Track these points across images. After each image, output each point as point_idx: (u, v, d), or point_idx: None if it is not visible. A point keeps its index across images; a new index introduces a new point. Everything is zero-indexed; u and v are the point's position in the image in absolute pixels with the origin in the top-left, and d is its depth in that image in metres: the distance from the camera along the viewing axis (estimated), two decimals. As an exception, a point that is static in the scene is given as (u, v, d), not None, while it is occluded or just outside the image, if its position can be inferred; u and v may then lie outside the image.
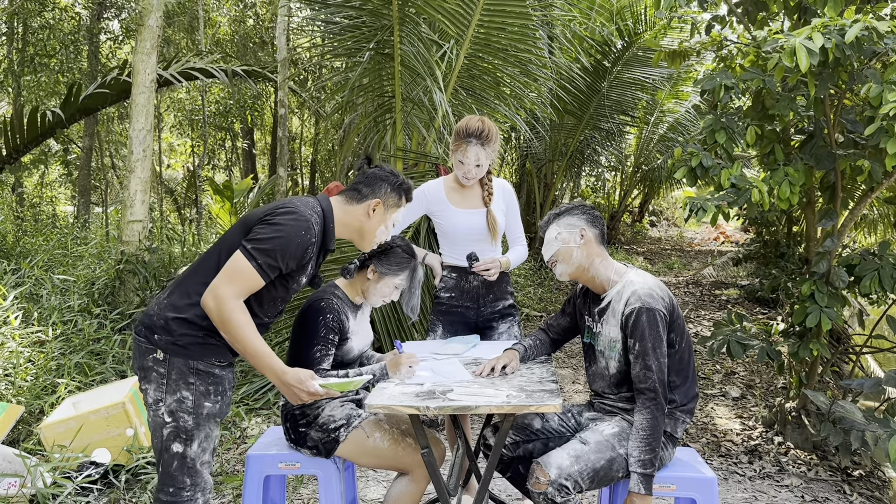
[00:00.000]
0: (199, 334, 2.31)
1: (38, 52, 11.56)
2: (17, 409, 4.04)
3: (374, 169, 2.62)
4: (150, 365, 2.31)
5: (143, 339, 2.33)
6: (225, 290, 2.23)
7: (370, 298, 2.93)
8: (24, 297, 5.63)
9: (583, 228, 2.75)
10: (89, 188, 12.18)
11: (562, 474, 2.47)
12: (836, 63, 3.97)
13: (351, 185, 2.58)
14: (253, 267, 2.25)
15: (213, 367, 2.35)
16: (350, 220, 2.53)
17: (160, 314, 2.32)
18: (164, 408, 2.30)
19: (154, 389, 2.31)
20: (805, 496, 3.94)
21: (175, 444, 2.33)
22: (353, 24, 5.79)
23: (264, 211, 2.36)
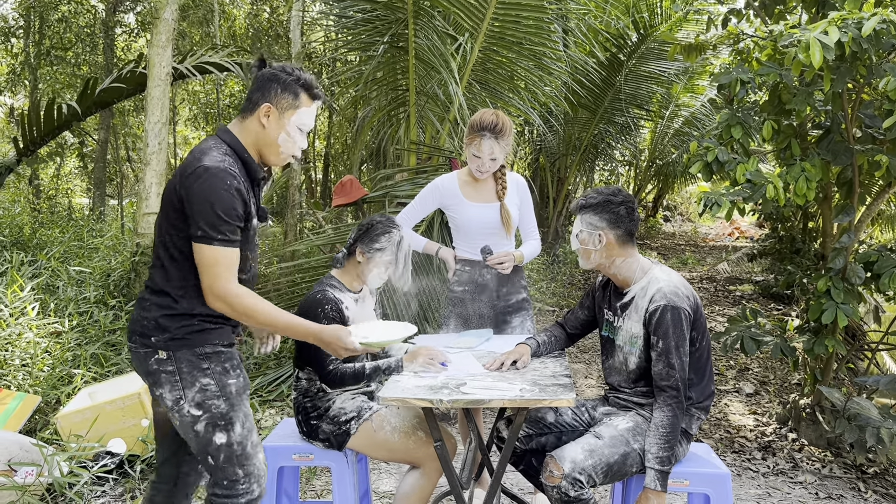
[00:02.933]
0: (193, 322, 2.21)
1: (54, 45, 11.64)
2: (34, 399, 4.08)
3: (264, 70, 2.32)
4: (156, 367, 2.20)
5: (138, 345, 2.22)
6: (220, 285, 2.12)
7: (367, 280, 2.94)
8: (41, 288, 5.68)
9: (602, 232, 2.70)
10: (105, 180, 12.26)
11: (576, 468, 2.47)
12: (853, 57, 3.93)
13: (248, 94, 2.33)
14: (218, 246, 2.12)
15: (218, 347, 2.26)
16: (251, 138, 2.29)
17: (147, 317, 2.21)
18: (188, 403, 2.19)
19: (169, 390, 2.20)
20: (819, 493, 3.92)
21: (217, 435, 2.20)
22: (367, 18, 5.79)
23: (178, 185, 2.16)
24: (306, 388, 2.88)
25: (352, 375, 2.78)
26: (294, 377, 2.94)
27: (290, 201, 7.55)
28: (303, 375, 2.90)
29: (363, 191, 5.61)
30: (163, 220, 2.22)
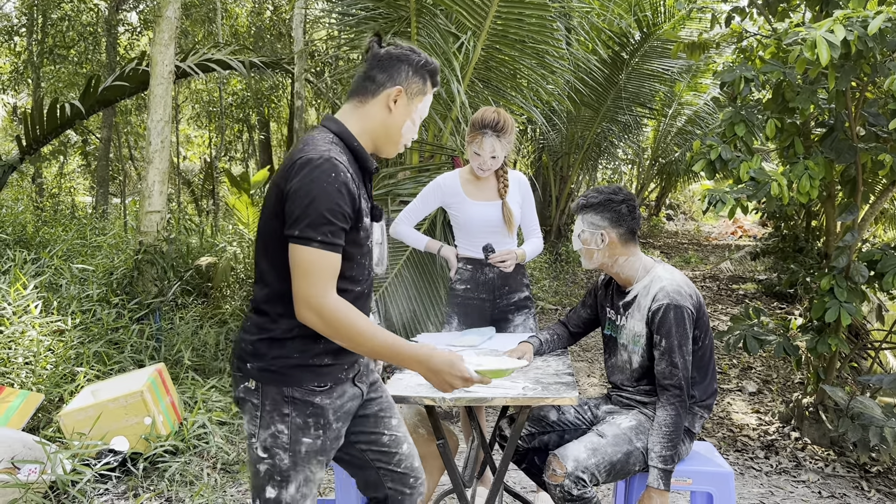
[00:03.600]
0: (293, 354, 1.94)
1: (57, 43, 11.65)
2: (37, 396, 4.09)
3: (388, 48, 2.07)
4: (243, 395, 1.98)
5: (234, 368, 2.01)
6: (313, 293, 1.83)
7: None
8: (44, 286, 5.69)
9: (604, 231, 2.70)
10: (107, 179, 12.27)
11: (579, 466, 2.47)
12: (858, 55, 3.92)
13: (360, 77, 2.06)
14: (317, 248, 1.82)
15: (312, 393, 1.96)
16: (371, 124, 2.03)
17: (246, 339, 1.98)
18: (259, 443, 1.96)
19: (248, 422, 1.99)
20: (822, 492, 3.91)
21: (269, 488, 1.97)
22: (369, 16, 5.78)
23: (281, 182, 1.90)
24: None
25: None
26: None
27: (293, 200, 7.53)
28: None
29: (366, 189, 5.61)
30: (263, 226, 1.95)
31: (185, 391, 4.68)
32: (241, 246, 8.15)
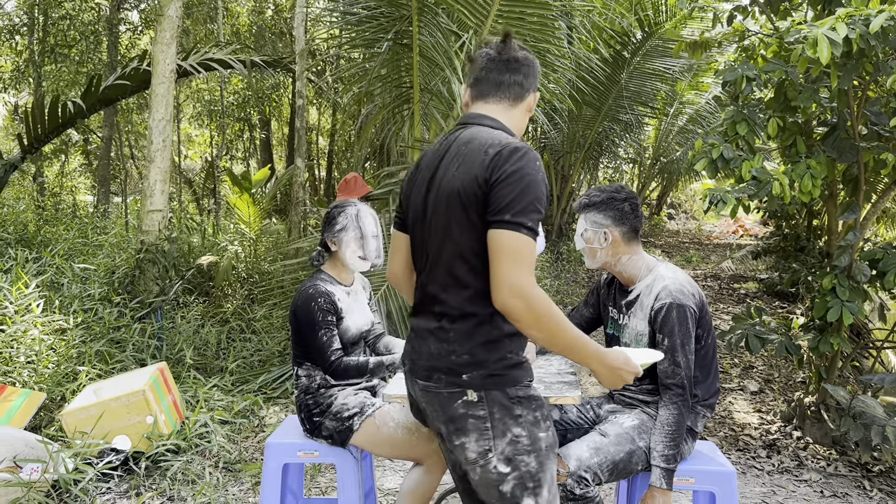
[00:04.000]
0: (511, 353, 1.87)
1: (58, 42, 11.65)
2: (39, 395, 4.09)
3: (523, 52, 2.05)
4: (463, 412, 1.83)
5: (443, 385, 1.87)
6: (523, 280, 1.72)
7: (350, 264, 2.96)
8: (46, 285, 5.69)
9: (607, 230, 2.69)
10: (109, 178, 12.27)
11: (581, 466, 2.47)
12: (860, 54, 3.92)
13: (507, 78, 2.02)
14: (525, 235, 1.74)
15: (529, 387, 1.89)
16: (516, 126, 2.05)
17: (457, 349, 1.85)
18: (497, 457, 1.81)
19: (476, 440, 1.83)
20: (824, 491, 3.91)
21: (525, 500, 1.83)
22: (371, 15, 5.78)
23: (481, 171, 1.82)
24: (307, 386, 2.88)
25: (355, 368, 2.78)
26: (293, 375, 2.95)
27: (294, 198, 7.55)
28: (301, 372, 2.90)
29: (367, 188, 5.60)
30: (455, 228, 1.86)
31: (186, 390, 4.69)
32: (242, 245, 8.15)
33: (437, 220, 1.90)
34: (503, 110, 2.01)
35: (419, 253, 2.01)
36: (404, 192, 2.11)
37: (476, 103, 2.03)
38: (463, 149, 1.89)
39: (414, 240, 2.04)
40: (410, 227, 2.05)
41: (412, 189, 2.05)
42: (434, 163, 1.98)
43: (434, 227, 1.91)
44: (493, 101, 2.01)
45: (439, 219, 1.89)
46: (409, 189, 2.08)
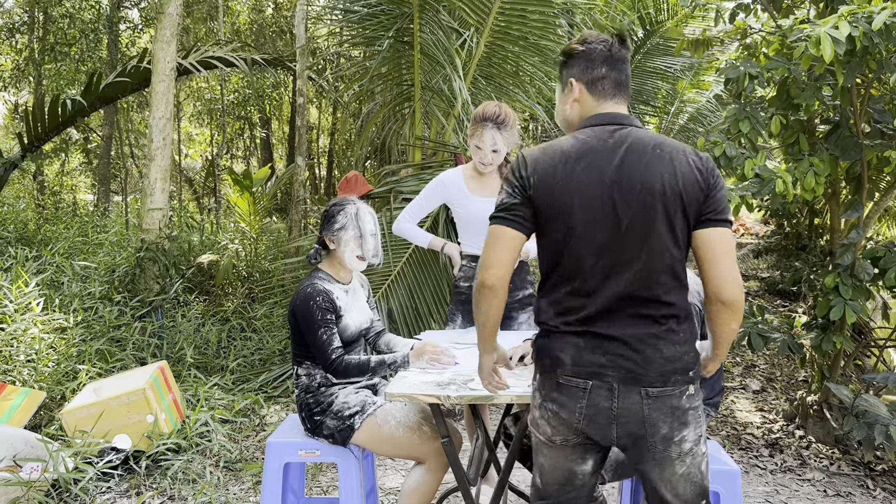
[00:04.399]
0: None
1: (58, 40, 11.63)
2: (38, 394, 4.08)
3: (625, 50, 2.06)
4: (686, 406, 1.90)
5: (679, 386, 1.88)
6: (738, 273, 1.89)
7: (348, 263, 2.93)
8: (46, 283, 5.68)
9: None
10: (109, 177, 12.25)
11: None
12: (863, 51, 3.90)
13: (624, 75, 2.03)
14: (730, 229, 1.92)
15: None
16: None
17: (687, 350, 1.90)
18: (703, 439, 1.97)
19: (694, 429, 1.92)
20: (828, 490, 3.90)
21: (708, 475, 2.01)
22: (372, 13, 5.76)
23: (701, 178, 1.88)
24: (307, 385, 2.86)
25: (356, 367, 2.77)
26: (294, 375, 2.93)
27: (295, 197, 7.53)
28: (301, 371, 2.88)
29: (368, 187, 5.59)
30: (661, 228, 1.87)
31: (187, 389, 4.67)
32: (242, 244, 8.14)
33: (634, 221, 1.86)
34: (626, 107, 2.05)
35: (592, 255, 1.87)
36: (539, 188, 1.89)
37: (605, 102, 2.01)
38: (650, 151, 1.89)
39: (577, 241, 1.88)
40: (568, 228, 1.88)
41: (559, 186, 1.88)
42: (604, 162, 1.88)
43: (631, 228, 1.86)
44: (622, 100, 2.03)
45: (638, 219, 1.86)
46: (550, 185, 1.89)
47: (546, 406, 1.96)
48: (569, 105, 2.05)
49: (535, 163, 1.93)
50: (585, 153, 1.91)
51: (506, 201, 1.94)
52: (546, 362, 1.95)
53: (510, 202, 1.93)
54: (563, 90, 2.08)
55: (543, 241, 1.96)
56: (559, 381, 1.92)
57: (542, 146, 1.97)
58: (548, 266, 1.97)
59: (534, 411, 2.01)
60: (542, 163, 1.92)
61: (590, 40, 2.03)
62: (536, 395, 2.01)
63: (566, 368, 1.90)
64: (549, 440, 1.98)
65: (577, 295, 1.90)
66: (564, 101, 2.07)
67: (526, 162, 1.94)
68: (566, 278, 1.91)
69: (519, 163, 1.95)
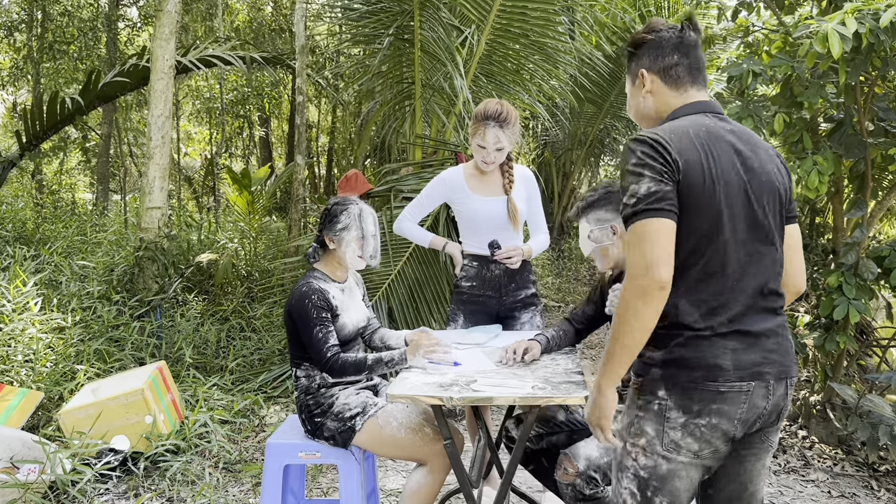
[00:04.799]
0: None
1: (56, 38, 11.59)
2: (36, 395, 4.04)
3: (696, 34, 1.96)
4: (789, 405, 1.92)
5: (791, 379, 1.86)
6: None
7: (348, 263, 2.90)
8: (44, 283, 5.64)
9: (613, 224, 2.63)
10: (108, 175, 12.21)
11: (591, 465, 2.42)
12: (869, 49, 3.87)
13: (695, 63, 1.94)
14: None
15: None
16: None
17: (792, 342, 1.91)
18: None
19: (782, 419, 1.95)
20: (832, 491, 3.87)
21: None
22: (372, 10, 5.72)
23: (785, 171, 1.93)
24: (307, 386, 2.83)
25: (353, 364, 2.73)
26: (293, 377, 2.90)
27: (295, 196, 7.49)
28: (300, 373, 2.85)
29: (368, 185, 5.55)
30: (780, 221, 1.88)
31: (185, 389, 4.63)
32: (242, 243, 8.10)
33: (767, 212, 1.83)
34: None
35: (736, 247, 1.78)
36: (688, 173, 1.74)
37: (686, 90, 1.92)
38: (756, 143, 1.88)
39: (724, 233, 1.77)
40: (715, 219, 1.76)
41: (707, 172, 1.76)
42: (728, 150, 1.80)
43: (764, 219, 1.83)
44: (702, 87, 1.94)
45: (769, 210, 1.84)
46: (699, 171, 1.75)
47: (697, 422, 1.77)
48: (642, 97, 1.96)
49: (677, 143, 1.75)
50: (710, 140, 1.80)
51: (656, 189, 1.71)
52: (697, 374, 1.75)
53: (663, 189, 1.71)
54: (633, 83, 1.99)
55: (683, 233, 1.75)
56: (720, 389, 1.75)
57: (662, 129, 1.80)
58: (687, 261, 1.77)
59: (670, 433, 1.79)
60: (684, 145, 1.76)
61: (657, 27, 1.94)
62: (674, 415, 1.78)
63: (728, 374, 1.75)
64: (696, 455, 1.80)
65: (722, 292, 1.77)
66: (636, 94, 1.98)
67: (666, 143, 1.75)
68: (710, 274, 1.77)
69: (656, 144, 1.75)
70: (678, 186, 1.73)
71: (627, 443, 1.86)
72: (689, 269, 1.77)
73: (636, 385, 1.86)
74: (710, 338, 1.76)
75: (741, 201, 1.79)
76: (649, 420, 1.81)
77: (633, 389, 1.87)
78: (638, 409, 1.84)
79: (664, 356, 1.79)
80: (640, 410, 1.83)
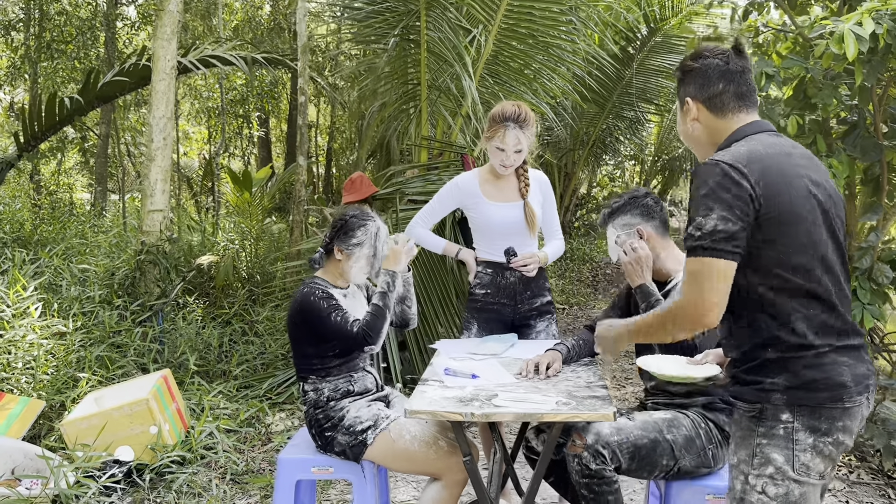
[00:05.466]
0: None
1: (54, 38, 11.48)
2: (38, 403, 3.96)
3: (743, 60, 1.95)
4: None
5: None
6: None
7: (351, 277, 2.85)
8: (44, 287, 5.54)
9: (639, 228, 2.62)
10: (106, 176, 12.12)
11: (599, 440, 2.36)
12: (886, 50, 3.80)
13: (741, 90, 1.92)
14: None
15: None
16: None
17: None
18: None
19: None
20: (850, 501, 3.80)
21: None
22: (377, 10, 5.64)
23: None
24: (315, 400, 2.75)
25: (374, 318, 2.71)
26: (300, 391, 2.82)
27: (296, 197, 7.41)
28: (308, 387, 2.77)
29: (373, 188, 5.46)
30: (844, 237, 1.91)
31: (190, 397, 4.54)
32: (243, 244, 8.01)
33: (839, 227, 1.85)
34: None
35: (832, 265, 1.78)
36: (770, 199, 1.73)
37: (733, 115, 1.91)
38: (814, 162, 1.88)
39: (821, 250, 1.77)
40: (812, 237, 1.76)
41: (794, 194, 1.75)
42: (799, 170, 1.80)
43: (838, 233, 1.83)
44: (752, 110, 1.94)
45: (843, 229, 1.87)
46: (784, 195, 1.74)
47: (825, 441, 1.74)
48: (689, 124, 1.96)
49: (757, 168, 1.73)
50: (785, 159, 1.80)
51: (723, 228, 1.69)
52: (824, 394, 1.72)
53: (730, 229, 1.69)
54: (681, 108, 1.99)
55: (782, 255, 1.74)
56: (845, 405, 1.73)
57: (738, 154, 1.77)
58: (790, 282, 1.74)
59: (800, 456, 1.74)
60: (763, 167, 1.74)
61: (704, 55, 1.93)
62: (802, 436, 1.74)
63: (850, 390, 1.73)
64: (822, 476, 1.77)
65: (826, 308, 1.76)
66: (684, 119, 1.99)
67: (742, 169, 1.72)
68: (813, 291, 1.75)
69: (732, 172, 1.72)
70: (758, 215, 1.72)
71: (750, 476, 1.78)
72: (796, 290, 1.75)
73: (753, 413, 1.78)
74: (828, 354, 1.74)
75: (825, 221, 1.80)
76: (776, 446, 1.75)
77: (750, 418, 1.79)
78: (760, 437, 1.77)
79: (789, 380, 1.75)
80: (762, 438, 1.77)
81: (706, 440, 2.49)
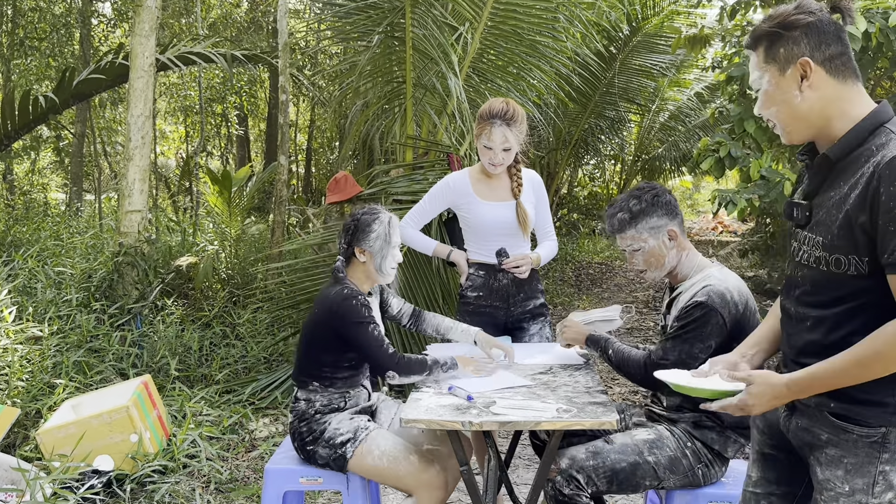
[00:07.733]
0: None
1: (28, 35, 11.24)
2: (12, 411, 3.81)
3: None
4: None
5: None
6: None
7: (386, 271, 2.73)
8: (18, 290, 5.38)
9: (670, 228, 2.48)
10: (82, 176, 11.89)
11: (574, 465, 2.30)
12: (878, 48, 3.80)
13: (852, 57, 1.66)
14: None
15: None
16: None
17: None
18: None
19: None
20: None
21: None
22: (360, 7, 5.54)
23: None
24: (303, 412, 2.65)
25: (417, 363, 2.60)
26: (292, 398, 2.72)
27: (278, 197, 7.29)
28: (302, 395, 2.67)
29: (358, 188, 5.38)
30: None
31: (171, 403, 4.41)
32: (222, 245, 7.88)
33: None
34: None
35: None
36: None
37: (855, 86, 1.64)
38: None
39: None
40: None
41: None
42: None
43: None
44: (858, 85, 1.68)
45: None
46: None
47: None
48: (798, 91, 1.61)
49: None
50: None
51: None
52: None
53: None
54: (781, 72, 1.63)
55: None
56: None
57: None
58: None
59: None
60: None
61: (812, 8, 1.60)
62: None
63: None
64: None
65: None
66: (788, 87, 1.63)
67: None
68: None
69: None
70: None
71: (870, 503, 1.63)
72: None
73: (875, 438, 1.61)
74: None
75: None
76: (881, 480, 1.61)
77: (870, 444, 1.62)
78: (884, 465, 1.61)
79: None
80: (886, 465, 1.61)
81: (694, 460, 2.40)
